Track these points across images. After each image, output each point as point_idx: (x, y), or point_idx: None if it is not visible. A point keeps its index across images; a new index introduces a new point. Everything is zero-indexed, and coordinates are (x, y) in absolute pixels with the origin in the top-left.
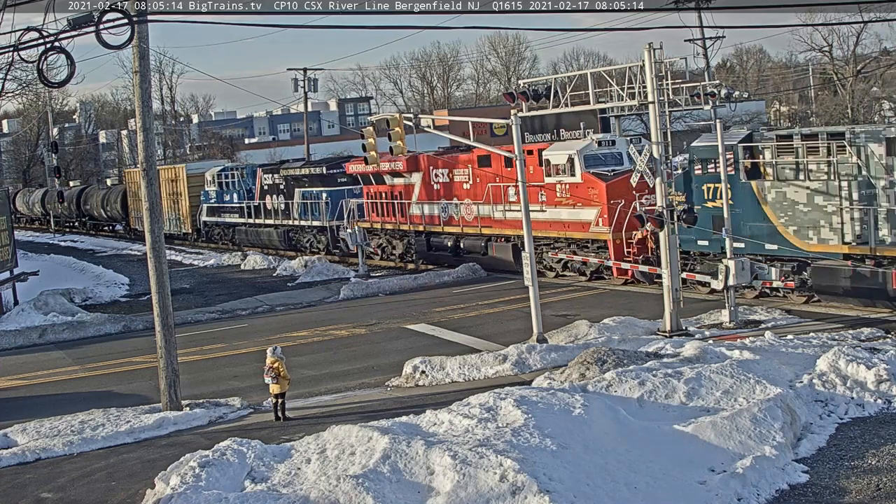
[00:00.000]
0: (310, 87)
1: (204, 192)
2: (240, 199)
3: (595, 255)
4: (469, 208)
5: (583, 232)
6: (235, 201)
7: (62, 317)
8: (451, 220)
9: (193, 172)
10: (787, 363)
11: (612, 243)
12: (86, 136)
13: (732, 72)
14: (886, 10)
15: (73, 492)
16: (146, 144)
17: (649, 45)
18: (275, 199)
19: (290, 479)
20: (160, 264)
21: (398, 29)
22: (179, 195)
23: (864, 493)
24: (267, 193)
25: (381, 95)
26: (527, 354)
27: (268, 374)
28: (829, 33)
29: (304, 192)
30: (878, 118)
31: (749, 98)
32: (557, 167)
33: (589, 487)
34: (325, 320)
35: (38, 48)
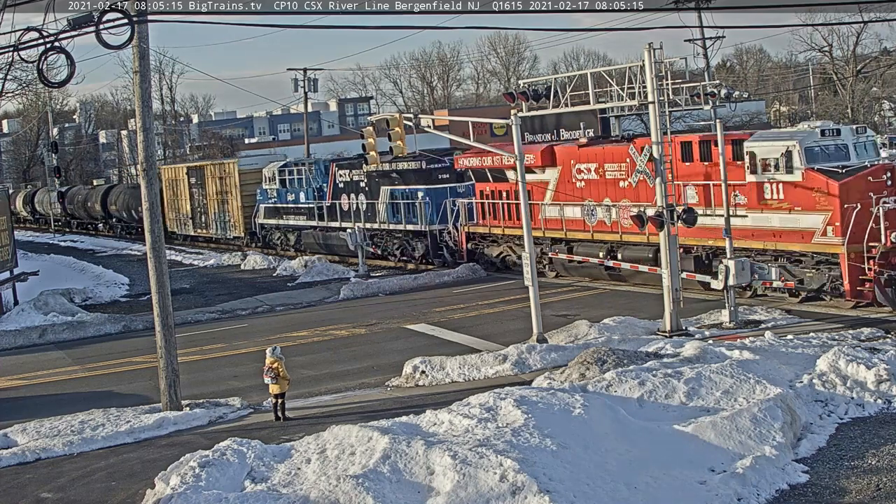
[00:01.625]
0: (310, 87)
1: (261, 191)
2: (308, 198)
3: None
4: (628, 211)
5: (802, 243)
6: (302, 201)
7: (62, 317)
8: (602, 226)
9: (248, 168)
10: (787, 363)
11: (845, 258)
12: (86, 136)
13: (732, 72)
14: (886, 10)
15: (73, 492)
16: (146, 144)
17: (649, 45)
18: (353, 199)
19: (290, 479)
20: (160, 264)
21: (398, 29)
22: (229, 194)
23: (864, 493)
24: (342, 192)
25: (381, 95)
26: (527, 354)
27: (267, 374)
28: (829, 33)
29: (394, 191)
30: (878, 118)
31: (749, 98)
32: (765, 162)
33: (589, 487)
34: (326, 320)
35: (38, 48)
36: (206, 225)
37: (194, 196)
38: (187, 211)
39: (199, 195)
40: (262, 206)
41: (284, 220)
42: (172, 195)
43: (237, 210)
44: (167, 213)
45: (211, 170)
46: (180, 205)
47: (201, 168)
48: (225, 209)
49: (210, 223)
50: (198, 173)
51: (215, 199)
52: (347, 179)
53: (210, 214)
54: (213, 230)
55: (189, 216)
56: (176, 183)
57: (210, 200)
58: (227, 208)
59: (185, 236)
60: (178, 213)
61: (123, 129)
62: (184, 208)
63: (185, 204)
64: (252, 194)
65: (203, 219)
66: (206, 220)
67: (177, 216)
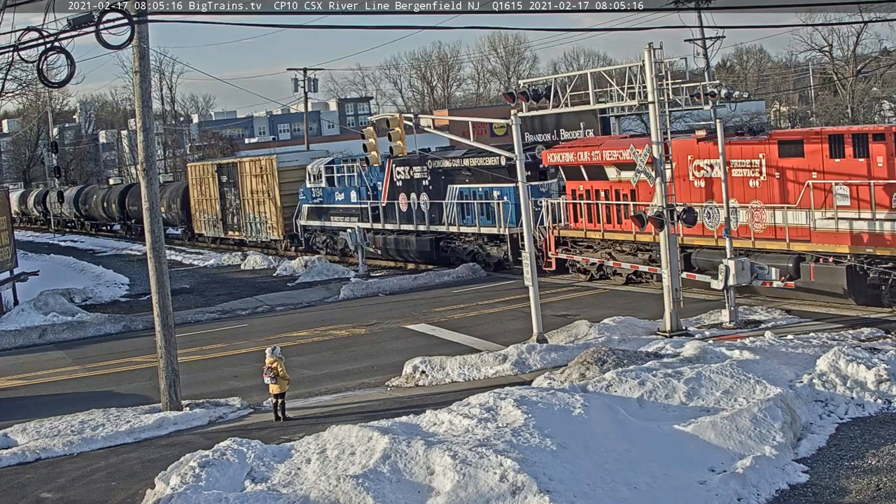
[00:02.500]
0: (310, 87)
1: (304, 190)
2: (360, 198)
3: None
4: (760, 214)
5: None
6: (353, 201)
7: (62, 317)
8: None
9: (288, 165)
10: (787, 363)
11: None
12: (86, 136)
13: (732, 72)
14: (886, 10)
15: (73, 492)
16: (146, 144)
17: (649, 45)
18: (413, 199)
19: (290, 479)
20: (160, 264)
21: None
22: (266, 193)
23: (864, 493)
24: (401, 191)
25: (381, 95)
26: (527, 354)
27: (267, 374)
28: (829, 33)
29: (464, 190)
30: (878, 118)
31: (749, 98)
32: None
33: (589, 487)
34: (325, 320)
35: (38, 48)
36: (239, 227)
37: (225, 195)
38: (216, 211)
39: (232, 194)
40: (304, 207)
41: (332, 221)
42: (200, 195)
43: (276, 211)
44: (193, 214)
45: (246, 167)
46: (209, 205)
47: (234, 165)
48: (261, 210)
49: (243, 225)
50: (230, 171)
51: (250, 199)
52: (407, 177)
53: (243, 215)
54: (247, 232)
55: (219, 217)
56: (204, 181)
57: (244, 200)
58: (264, 209)
59: (214, 238)
60: (207, 214)
61: (123, 129)
62: (213, 209)
63: (214, 204)
64: (293, 193)
65: (235, 220)
66: (239, 222)
67: (204, 217)
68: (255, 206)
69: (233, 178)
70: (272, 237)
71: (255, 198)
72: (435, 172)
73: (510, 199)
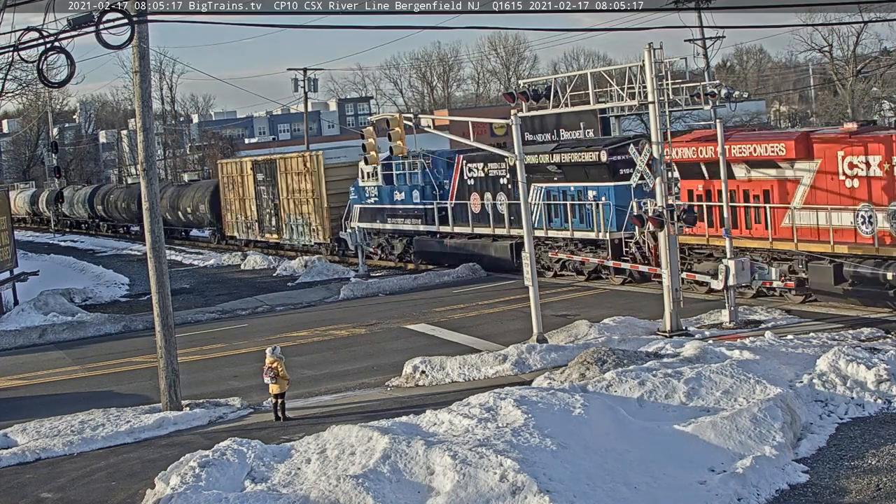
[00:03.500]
0: (310, 87)
1: (356, 189)
2: (424, 197)
3: None
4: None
5: None
6: (416, 201)
7: (62, 317)
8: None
9: (336, 162)
10: (787, 363)
11: None
12: (86, 136)
13: (732, 72)
14: (886, 10)
15: (73, 492)
16: (146, 144)
17: (649, 45)
18: (488, 199)
19: (290, 479)
20: (160, 264)
21: (398, 29)
22: (310, 193)
23: (864, 493)
24: (473, 191)
25: (381, 95)
26: (527, 354)
27: (267, 374)
28: (829, 33)
29: (552, 190)
30: (878, 118)
31: (749, 98)
32: None
33: (589, 487)
34: (325, 320)
35: (38, 48)
36: (278, 229)
37: (262, 195)
38: (252, 212)
39: (269, 194)
40: (356, 208)
41: (390, 223)
42: (232, 194)
43: (321, 212)
44: (224, 215)
45: (286, 164)
46: (243, 205)
47: (272, 162)
48: (303, 211)
49: (283, 227)
50: (268, 168)
51: (291, 199)
52: (481, 175)
53: (283, 217)
54: (288, 235)
55: (254, 218)
56: (237, 180)
57: (284, 200)
58: (308, 209)
59: (247, 241)
60: (240, 215)
61: (123, 129)
62: (247, 209)
63: (248, 204)
64: (341, 193)
65: (273, 222)
66: (278, 224)
67: (237, 218)
68: (297, 207)
69: (271, 176)
70: (316, 240)
71: (296, 198)
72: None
73: (610, 199)
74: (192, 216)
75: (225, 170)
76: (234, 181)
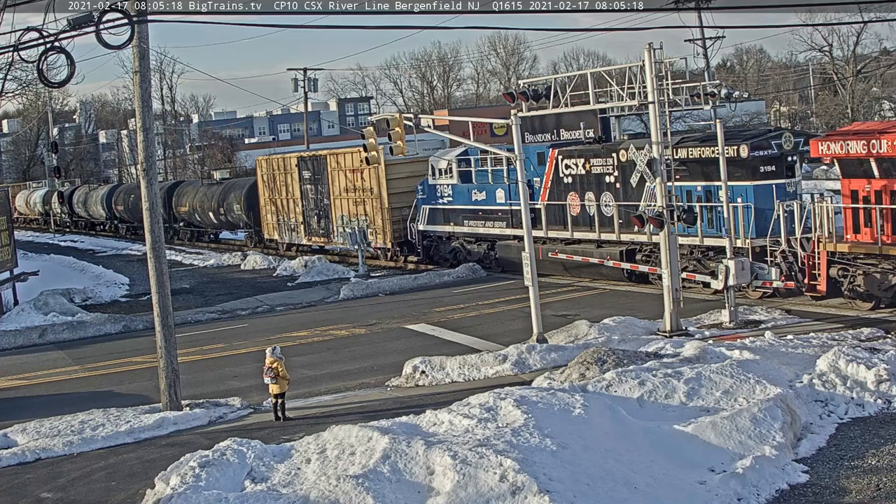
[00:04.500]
0: (310, 87)
1: (425, 188)
2: (510, 197)
3: None
4: None
5: None
6: (500, 201)
7: (62, 317)
8: None
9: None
10: (787, 363)
11: None
12: (86, 136)
13: (732, 72)
14: (886, 10)
15: (73, 492)
16: (146, 144)
17: (649, 45)
18: (590, 199)
19: (290, 479)
20: (160, 264)
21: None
22: (367, 192)
23: (864, 493)
24: (571, 190)
25: (381, 95)
26: (527, 354)
27: (267, 374)
28: (829, 33)
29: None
30: (877, 118)
31: (749, 98)
32: None
33: (589, 487)
34: (325, 320)
35: (38, 48)
36: (328, 232)
37: (308, 194)
38: (297, 214)
39: (317, 193)
40: (426, 209)
41: (466, 226)
42: (273, 193)
43: (382, 213)
44: (263, 216)
45: (339, 160)
46: (285, 205)
47: (322, 158)
48: (359, 212)
49: (334, 230)
50: (315, 165)
51: (345, 199)
52: (580, 171)
53: (334, 218)
54: (340, 238)
55: (300, 220)
56: (279, 177)
57: (336, 200)
58: (365, 210)
59: (290, 245)
60: (282, 216)
61: (123, 129)
62: (290, 210)
63: (292, 204)
64: (404, 192)
65: (323, 224)
66: (328, 226)
67: (279, 219)
68: (351, 208)
69: (319, 173)
70: (377, 244)
71: (351, 197)
72: (628, 166)
73: (748, 201)
74: (224, 217)
75: (264, 167)
76: (274, 179)
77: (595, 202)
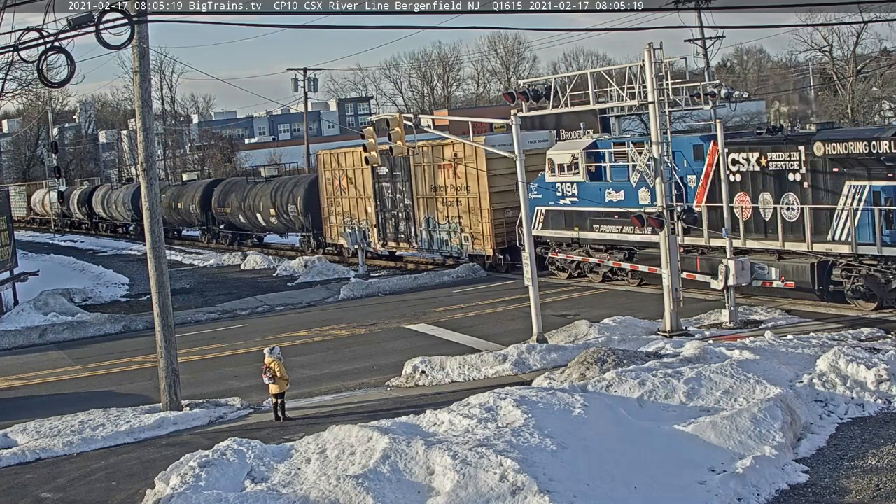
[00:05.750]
0: (310, 87)
1: (540, 186)
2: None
3: None
4: None
5: None
6: (642, 203)
7: (62, 317)
8: None
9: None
10: (787, 363)
11: None
12: (86, 136)
13: (732, 72)
14: (886, 10)
15: (73, 492)
16: (146, 144)
17: (649, 45)
18: (766, 201)
19: (290, 479)
20: (160, 264)
21: (398, 29)
22: (464, 191)
23: (864, 493)
24: (740, 189)
25: (381, 95)
26: (527, 354)
27: (265, 374)
28: (829, 33)
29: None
30: (878, 118)
31: (749, 98)
32: None
33: (589, 487)
34: (325, 320)
35: (38, 48)
36: (409, 236)
37: (384, 193)
38: (369, 215)
39: (396, 192)
40: (540, 210)
41: (596, 231)
42: (339, 192)
43: (481, 215)
44: (326, 217)
45: (425, 153)
46: (354, 206)
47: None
48: (453, 213)
49: (418, 233)
50: (394, 159)
51: (432, 198)
52: (753, 168)
53: (418, 221)
54: (426, 244)
55: (372, 222)
56: (347, 174)
57: (420, 200)
58: (458, 212)
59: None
60: (350, 218)
61: (123, 129)
62: (361, 211)
63: (363, 204)
64: (506, 191)
65: (403, 228)
66: (410, 230)
67: (346, 222)
68: (441, 209)
69: (399, 168)
70: (475, 251)
71: (439, 197)
72: (819, 162)
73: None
74: (276, 219)
75: (328, 161)
76: (340, 176)
77: (773, 204)
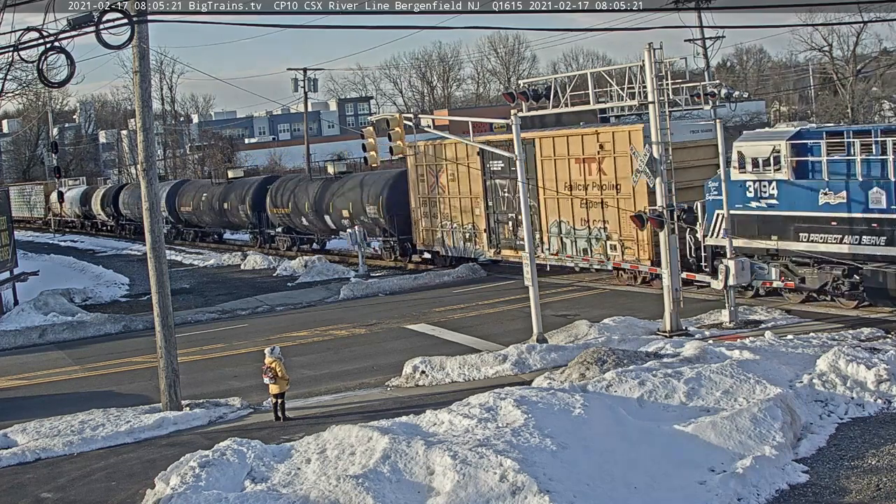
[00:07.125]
0: (310, 87)
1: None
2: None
3: None
4: None
5: None
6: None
7: (62, 317)
8: None
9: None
10: (787, 363)
11: None
12: (86, 136)
13: (732, 72)
14: (886, 10)
15: (73, 492)
16: (146, 144)
17: (649, 45)
18: None
19: (290, 479)
20: (160, 264)
21: (398, 29)
22: (611, 189)
23: (864, 492)
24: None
25: (381, 95)
26: (527, 354)
27: (265, 374)
28: (829, 33)
29: None
30: (877, 118)
31: (749, 98)
32: None
33: (589, 487)
34: (325, 320)
35: (38, 48)
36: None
37: (497, 192)
38: (477, 217)
39: (514, 190)
40: (722, 215)
41: (803, 241)
42: (433, 190)
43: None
44: (416, 221)
45: (555, 145)
46: (455, 207)
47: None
48: (594, 216)
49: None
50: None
51: (565, 198)
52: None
53: (544, 225)
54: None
55: (481, 227)
56: (445, 170)
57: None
58: (603, 214)
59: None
60: (449, 221)
61: (123, 129)
62: (467, 212)
63: (469, 205)
64: None
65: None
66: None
67: (443, 225)
68: (577, 210)
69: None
70: (625, 260)
71: (576, 196)
72: None
73: None
74: (349, 221)
75: (420, 154)
76: (437, 172)
77: None
